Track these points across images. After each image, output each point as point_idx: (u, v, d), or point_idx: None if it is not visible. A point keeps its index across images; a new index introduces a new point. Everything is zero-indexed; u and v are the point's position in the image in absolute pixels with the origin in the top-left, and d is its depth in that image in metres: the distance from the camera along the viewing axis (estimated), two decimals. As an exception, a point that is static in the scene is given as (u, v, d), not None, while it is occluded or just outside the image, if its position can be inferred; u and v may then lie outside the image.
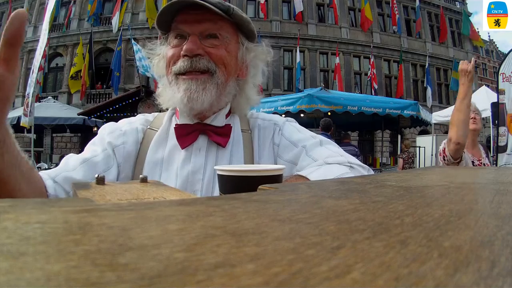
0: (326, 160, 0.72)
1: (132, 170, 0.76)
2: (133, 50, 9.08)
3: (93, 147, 0.75)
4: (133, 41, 9.50)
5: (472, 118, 1.93)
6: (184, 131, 0.76)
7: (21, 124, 5.30)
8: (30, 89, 5.12)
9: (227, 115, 0.80)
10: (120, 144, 0.75)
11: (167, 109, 0.84)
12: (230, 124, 0.79)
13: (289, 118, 0.86)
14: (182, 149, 0.75)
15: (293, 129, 0.81)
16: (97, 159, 0.71)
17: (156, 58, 0.81)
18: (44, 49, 5.29)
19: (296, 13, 15.15)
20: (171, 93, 0.76)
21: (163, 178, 0.73)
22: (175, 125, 0.78)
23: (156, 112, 0.88)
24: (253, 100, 0.83)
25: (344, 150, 0.78)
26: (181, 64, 0.73)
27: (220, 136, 0.76)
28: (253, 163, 0.77)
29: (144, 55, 8.46)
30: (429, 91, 15.72)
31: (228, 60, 0.75)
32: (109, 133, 0.77)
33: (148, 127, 0.80)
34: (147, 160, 0.75)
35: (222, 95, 0.76)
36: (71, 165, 0.69)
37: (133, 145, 0.77)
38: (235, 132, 0.79)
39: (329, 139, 0.81)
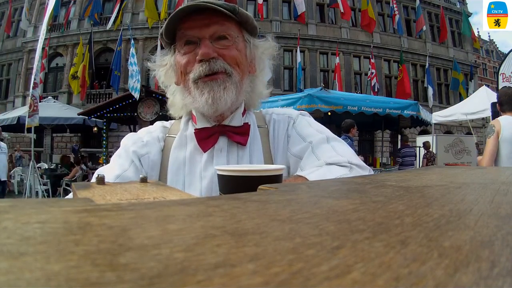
0: (327, 161, 0.73)
1: (157, 177, 0.77)
2: (131, 53, 8.98)
3: (120, 161, 0.76)
4: (132, 44, 9.46)
5: None
6: (205, 135, 0.77)
7: (26, 126, 5.26)
8: (35, 91, 5.13)
9: (243, 114, 0.81)
10: (145, 153, 0.77)
11: (181, 117, 0.85)
12: (248, 123, 0.80)
13: (302, 112, 0.88)
14: (204, 152, 0.76)
15: (305, 123, 0.83)
16: (128, 173, 0.72)
17: (161, 68, 0.82)
18: (45, 48, 5.31)
19: (299, 14, 15.06)
20: (189, 100, 0.76)
21: (187, 181, 0.74)
22: (195, 129, 0.78)
23: (155, 111, 0.89)
24: (263, 94, 0.86)
25: (404, 153, 0.78)
26: (199, 69, 0.73)
27: (240, 136, 0.78)
28: (271, 158, 0.79)
29: (135, 61, 8.39)
30: (430, 91, 15.67)
31: (240, 59, 0.76)
32: (132, 143, 0.79)
33: (167, 134, 0.82)
34: (170, 166, 0.76)
35: (240, 94, 0.77)
36: None
37: (157, 154, 0.78)
38: (252, 129, 0.80)
39: (336, 136, 0.82)
